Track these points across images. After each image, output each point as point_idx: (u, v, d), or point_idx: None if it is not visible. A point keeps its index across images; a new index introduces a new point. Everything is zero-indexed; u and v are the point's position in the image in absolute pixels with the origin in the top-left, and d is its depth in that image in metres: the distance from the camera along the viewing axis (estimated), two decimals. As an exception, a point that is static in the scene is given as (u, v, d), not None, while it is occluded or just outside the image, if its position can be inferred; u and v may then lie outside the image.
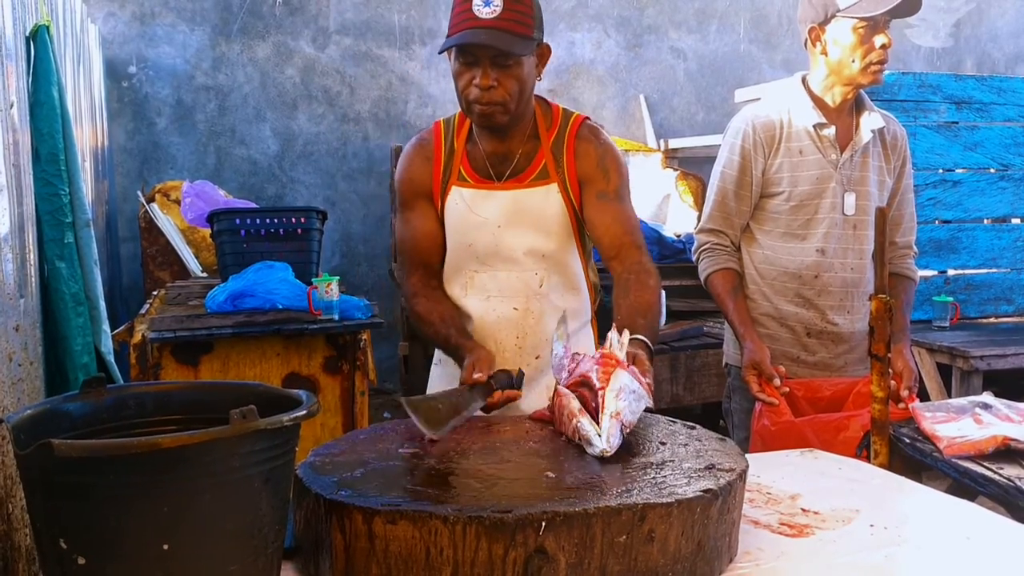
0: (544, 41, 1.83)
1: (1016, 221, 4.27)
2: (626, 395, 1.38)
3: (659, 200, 5.71)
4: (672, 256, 4.80)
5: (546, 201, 1.89)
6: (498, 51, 1.71)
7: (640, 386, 1.43)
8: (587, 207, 1.90)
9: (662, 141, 6.04)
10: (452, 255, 1.93)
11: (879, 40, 2.20)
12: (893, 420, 2.02)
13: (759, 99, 2.64)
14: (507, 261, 1.90)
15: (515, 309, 1.91)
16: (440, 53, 1.80)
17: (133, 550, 0.92)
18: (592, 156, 1.89)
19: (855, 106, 2.35)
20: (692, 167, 5.78)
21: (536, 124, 1.91)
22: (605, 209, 1.88)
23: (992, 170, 4.14)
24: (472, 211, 1.89)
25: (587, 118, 1.96)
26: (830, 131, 2.29)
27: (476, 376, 1.65)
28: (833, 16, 2.22)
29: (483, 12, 1.69)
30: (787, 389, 2.15)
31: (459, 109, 1.90)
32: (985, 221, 4.19)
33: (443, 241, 1.95)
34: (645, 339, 1.67)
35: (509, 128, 1.86)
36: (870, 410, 2.03)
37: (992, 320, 4.21)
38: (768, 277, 2.35)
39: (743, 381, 2.24)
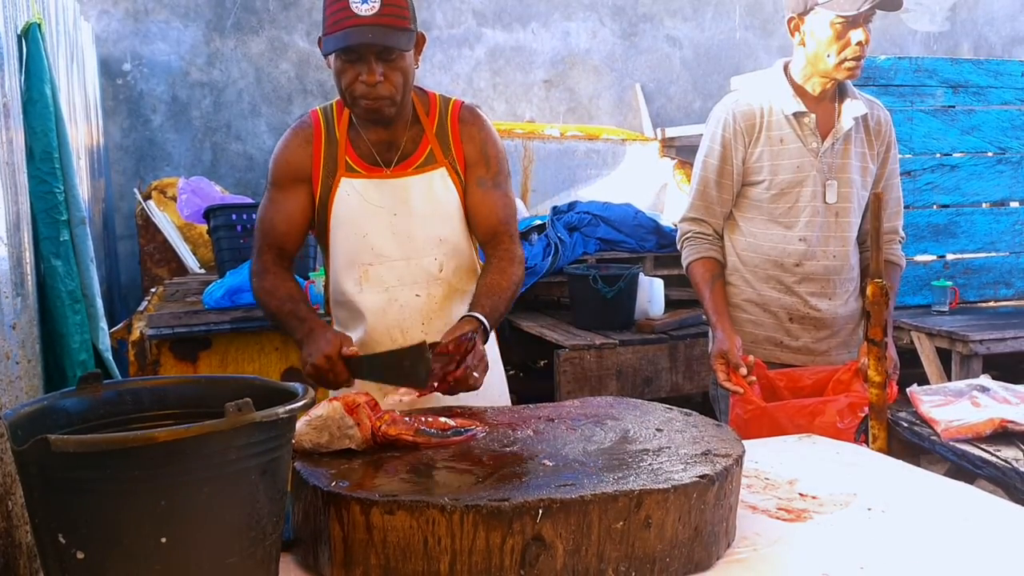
0: (418, 30, 1.81)
1: (1014, 204, 4.26)
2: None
3: (656, 189, 5.71)
4: (669, 245, 4.79)
5: (437, 186, 1.89)
6: (384, 48, 1.69)
7: (344, 425, 1.35)
8: (467, 193, 1.91)
9: (659, 130, 6.03)
10: (344, 249, 1.90)
11: (855, 36, 2.17)
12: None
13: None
14: (404, 249, 1.89)
15: (417, 296, 1.90)
16: (325, 55, 1.76)
17: (131, 544, 0.92)
18: (476, 141, 1.91)
19: (837, 93, 2.33)
20: (689, 156, 5.76)
21: (416, 110, 1.90)
22: (483, 196, 1.90)
23: (990, 154, 4.13)
24: (366, 200, 1.87)
25: (464, 102, 1.95)
26: (811, 119, 2.28)
27: (350, 350, 1.64)
28: (812, 8, 2.20)
29: (362, 10, 1.66)
30: (754, 379, 2.14)
31: (336, 98, 1.87)
32: (983, 205, 4.18)
33: (304, 230, 1.93)
34: (479, 316, 1.72)
35: (394, 119, 1.84)
36: (848, 395, 2.03)
37: (991, 304, 4.20)
38: (750, 264, 2.35)
39: (712, 369, 2.25)
